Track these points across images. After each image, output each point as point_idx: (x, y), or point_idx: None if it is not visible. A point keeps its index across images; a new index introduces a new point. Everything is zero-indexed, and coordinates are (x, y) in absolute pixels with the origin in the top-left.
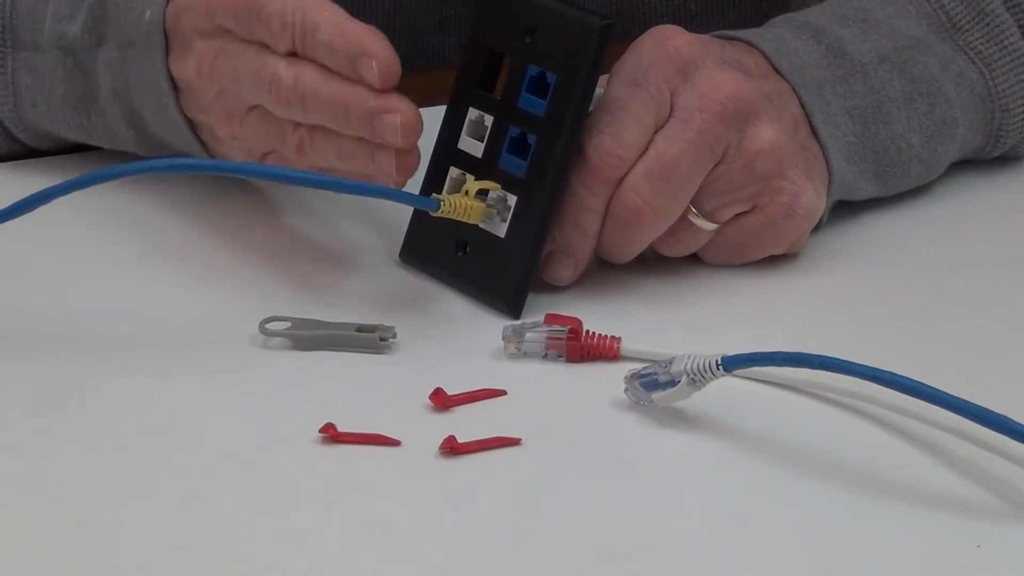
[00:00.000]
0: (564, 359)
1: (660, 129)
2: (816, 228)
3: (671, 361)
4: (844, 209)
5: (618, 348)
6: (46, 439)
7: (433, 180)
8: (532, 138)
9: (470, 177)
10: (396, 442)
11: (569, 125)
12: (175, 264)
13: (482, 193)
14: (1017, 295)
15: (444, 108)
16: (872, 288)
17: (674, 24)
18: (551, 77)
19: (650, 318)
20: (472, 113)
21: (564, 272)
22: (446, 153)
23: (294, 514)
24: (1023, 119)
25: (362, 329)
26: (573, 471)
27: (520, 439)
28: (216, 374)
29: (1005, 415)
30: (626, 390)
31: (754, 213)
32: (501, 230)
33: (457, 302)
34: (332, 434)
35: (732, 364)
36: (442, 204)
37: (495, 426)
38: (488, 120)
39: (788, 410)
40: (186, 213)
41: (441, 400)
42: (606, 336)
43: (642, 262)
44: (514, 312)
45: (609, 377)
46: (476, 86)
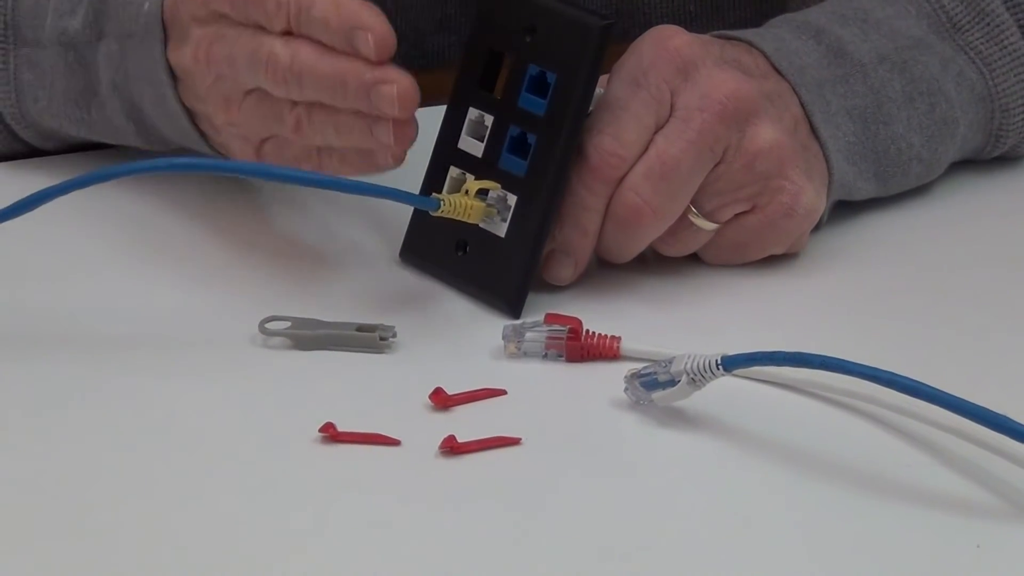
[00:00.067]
0: (564, 359)
1: (660, 129)
2: (816, 228)
3: (671, 361)
4: (844, 209)
5: (618, 348)
6: (46, 439)
7: (433, 180)
8: (532, 138)
9: (470, 177)
10: (396, 442)
11: (569, 125)
12: (175, 264)
13: (482, 193)
14: (1017, 295)
15: (444, 108)
16: (872, 288)
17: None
18: (551, 77)
19: (650, 318)
20: (472, 113)
21: (564, 272)
22: (446, 153)
23: (294, 514)
24: (1023, 119)
25: (362, 329)
26: (573, 471)
27: (520, 439)
28: (216, 374)
29: (1005, 415)
30: (626, 390)
31: (754, 213)
32: (501, 230)
33: (457, 302)
34: (332, 434)
35: (732, 364)
36: (442, 204)
37: (495, 426)
38: (488, 120)
39: (788, 410)
40: (186, 213)
41: (441, 400)
42: (606, 336)
43: (642, 262)
44: (514, 312)
45: (609, 377)
46: (476, 86)
